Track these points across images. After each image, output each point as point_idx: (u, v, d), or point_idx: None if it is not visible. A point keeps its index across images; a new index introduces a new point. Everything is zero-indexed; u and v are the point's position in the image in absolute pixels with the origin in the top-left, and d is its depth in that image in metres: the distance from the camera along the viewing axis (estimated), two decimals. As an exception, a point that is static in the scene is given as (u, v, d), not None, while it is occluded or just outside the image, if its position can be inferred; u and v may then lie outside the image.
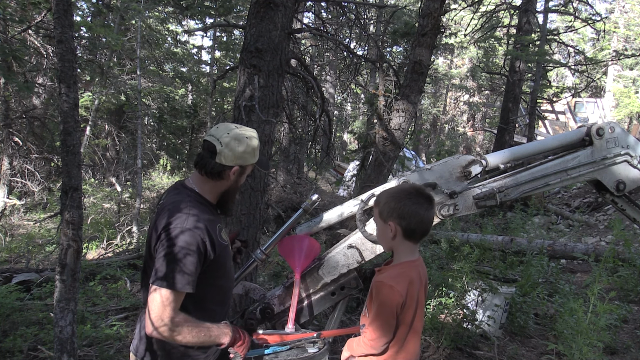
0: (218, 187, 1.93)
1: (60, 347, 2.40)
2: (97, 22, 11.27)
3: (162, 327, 1.66)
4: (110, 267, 5.19)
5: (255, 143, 1.93)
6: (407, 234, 1.73)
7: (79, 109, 2.65)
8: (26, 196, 9.80)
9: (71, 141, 2.38)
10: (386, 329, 1.70)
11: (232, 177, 1.91)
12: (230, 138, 1.86)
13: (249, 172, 2.00)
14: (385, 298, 1.69)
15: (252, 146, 1.91)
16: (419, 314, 1.75)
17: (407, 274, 1.73)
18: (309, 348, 1.93)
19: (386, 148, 5.07)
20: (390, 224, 1.73)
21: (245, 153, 1.89)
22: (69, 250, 2.39)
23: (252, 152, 1.92)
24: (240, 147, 1.88)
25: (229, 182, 1.93)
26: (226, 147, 1.86)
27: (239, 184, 1.98)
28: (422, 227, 1.73)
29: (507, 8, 12.04)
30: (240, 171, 1.92)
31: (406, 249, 1.77)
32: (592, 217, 10.14)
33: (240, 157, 1.89)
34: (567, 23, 16.11)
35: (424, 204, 1.72)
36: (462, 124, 26.75)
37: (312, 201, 2.27)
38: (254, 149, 1.92)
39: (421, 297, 1.76)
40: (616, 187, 2.32)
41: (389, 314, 1.69)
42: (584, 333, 3.09)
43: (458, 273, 4.05)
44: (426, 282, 1.85)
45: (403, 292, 1.68)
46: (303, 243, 2.21)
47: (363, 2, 5.86)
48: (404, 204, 1.71)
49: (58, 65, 2.35)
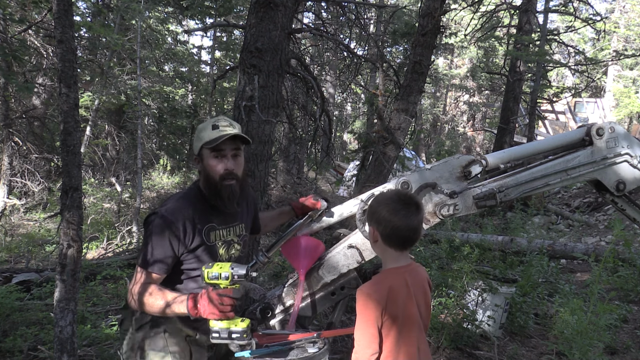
0: (201, 179, 2.06)
1: (60, 347, 2.40)
2: (97, 22, 11.27)
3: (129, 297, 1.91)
4: (110, 267, 5.18)
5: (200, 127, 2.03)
6: (385, 240, 1.70)
7: (79, 109, 2.65)
8: (26, 196, 9.79)
9: (71, 141, 2.38)
10: (367, 339, 1.63)
11: (199, 167, 2.05)
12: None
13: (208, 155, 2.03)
14: (362, 307, 1.65)
15: (197, 132, 2.03)
16: (408, 322, 1.67)
17: (388, 281, 1.67)
18: (309, 348, 1.93)
19: (386, 148, 5.07)
20: (371, 228, 1.73)
21: (196, 140, 2.03)
22: (69, 250, 2.38)
23: (198, 137, 2.01)
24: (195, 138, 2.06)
25: (201, 172, 2.05)
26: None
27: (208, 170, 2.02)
28: (399, 234, 1.68)
29: (507, 8, 12.04)
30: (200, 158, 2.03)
31: (389, 256, 1.74)
32: (592, 217, 10.14)
33: (194, 147, 2.05)
34: (567, 23, 16.13)
35: (402, 211, 1.67)
36: (462, 124, 26.74)
37: (320, 209, 2.27)
38: (198, 133, 2.02)
39: (409, 306, 1.67)
40: (616, 187, 2.32)
41: (368, 322, 1.63)
42: (584, 333, 3.09)
43: (458, 273, 4.05)
44: (424, 290, 1.77)
45: (381, 300, 1.62)
46: (306, 243, 2.21)
47: (363, 2, 5.86)
48: (382, 209, 1.69)
49: (58, 65, 2.34)
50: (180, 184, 13.00)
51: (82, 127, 10.40)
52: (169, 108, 14.00)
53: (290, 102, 4.47)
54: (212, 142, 1.94)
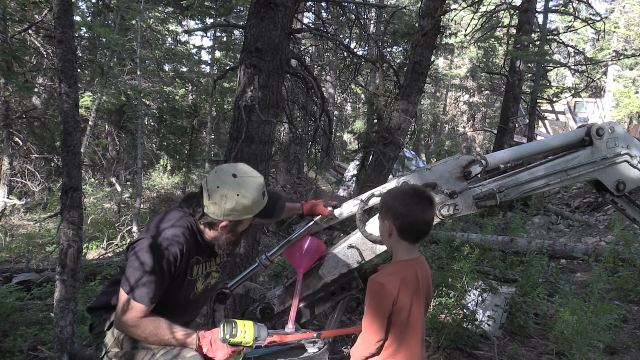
0: (212, 233, 1.89)
1: (60, 347, 2.40)
2: (97, 22, 11.28)
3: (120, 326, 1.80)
4: (111, 267, 5.19)
5: (247, 201, 1.79)
6: (401, 234, 1.74)
7: (79, 109, 2.65)
8: (26, 196, 9.80)
9: (71, 141, 2.38)
10: (376, 327, 1.69)
11: (223, 231, 1.86)
12: (218, 194, 1.77)
13: (247, 224, 1.91)
14: (375, 295, 1.69)
15: (243, 204, 1.79)
16: (415, 314, 1.72)
17: (400, 272, 1.72)
18: (309, 348, 1.93)
19: (386, 148, 5.07)
20: (387, 222, 1.75)
21: (234, 210, 1.79)
22: (69, 250, 2.39)
23: (244, 210, 1.81)
24: (228, 205, 1.77)
25: (224, 232, 1.87)
26: (212, 203, 1.78)
27: (237, 234, 1.90)
28: (416, 228, 1.73)
29: (507, 8, 12.04)
30: (232, 225, 1.85)
31: (402, 248, 1.77)
32: (592, 217, 10.13)
33: (229, 214, 1.80)
34: (567, 23, 16.10)
35: (418, 205, 1.71)
36: (462, 124, 26.74)
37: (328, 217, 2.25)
38: (245, 207, 1.80)
39: (417, 297, 1.73)
40: (616, 187, 2.32)
41: (379, 311, 1.69)
42: (584, 333, 3.09)
43: (458, 273, 4.05)
44: (429, 283, 1.83)
45: (394, 290, 1.67)
46: (307, 244, 2.21)
47: (363, 2, 5.86)
48: (399, 204, 1.72)
49: (58, 65, 2.35)
50: (180, 183, 13.01)
51: (82, 127, 10.40)
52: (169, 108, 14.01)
53: (290, 102, 4.48)
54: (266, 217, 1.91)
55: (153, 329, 1.75)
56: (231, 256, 2.20)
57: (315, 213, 2.27)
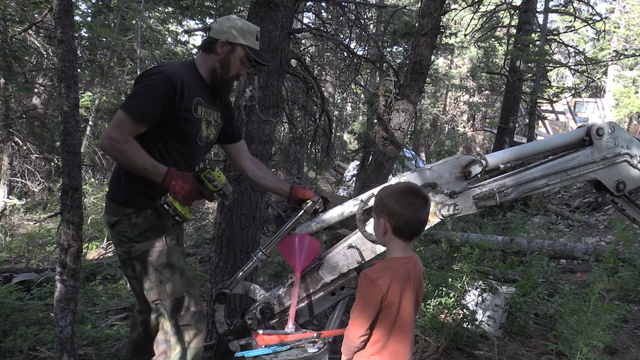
0: (209, 60, 2.16)
1: (60, 347, 2.40)
2: (97, 22, 11.28)
3: (105, 140, 1.94)
4: (111, 267, 5.19)
5: (243, 24, 2.13)
6: (396, 232, 1.75)
7: (79, 109, 2.65)
8: (26, 196, 9.79)
9: (71, 141, 2.38)
10: (361, 321, 1.70)
11: (220, 51, 2.13)
12: (222, 18, 2.17)
13: (240, 55, 2.15)
14: (365, 290, 1.70)
15: (239, 25, 2.12)
16: (404, 312, 1.72)
17: (393, 269, 1.73)
18: (309, 348, 1.93)
19: (386, 148, 5.07)
20: (382, 220, 1.76)
21: (232, 28, 2.10)
22: (69, 250, 2.39)
23: (240, 31, 2.11)
24: (228, 23, 2.13)
25: (218, 57, 2.14)
26: (217, 23, 2.17)
27: (230, 64, 2.15)
28: (410, 226, 1.74)
29: (507, 8, 12.04)
30: (229, 48, 2.13)
31: (396, 246, 1.78)
32: (592, 217, 10.13)
33: (227, 32, 2.11)
34: (567, 23, 16.12)
35: (414, 204, 1.72)
36: (462, 124, 26.74)
37: (312, 203, 2.28)
38: (241, 28, 2.11)
39: (407, 295, 1.73)
40: (616, 187, 2.32)
41: (367, 305, 1.69)
42: (584, 333, 3.09)
43: (458, 273, 4.04)
44: (420, 282, 1.83)
45: (384, 286, 1.68)
46: (303, 242, 2.21)
47: (363, 2, 5.85)
48: (394, 202, 1.73)
49: (58, 65, 2.34)
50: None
51: (82, 127, 10.40)
52: (169, 108, 14.01)
53: (290, 102, 4.47)
54: (256, 55, 2.17)
55: (132, 155, 1.93)
56: (223, 121, 2.35)
57: (305, 197, 2.31)
